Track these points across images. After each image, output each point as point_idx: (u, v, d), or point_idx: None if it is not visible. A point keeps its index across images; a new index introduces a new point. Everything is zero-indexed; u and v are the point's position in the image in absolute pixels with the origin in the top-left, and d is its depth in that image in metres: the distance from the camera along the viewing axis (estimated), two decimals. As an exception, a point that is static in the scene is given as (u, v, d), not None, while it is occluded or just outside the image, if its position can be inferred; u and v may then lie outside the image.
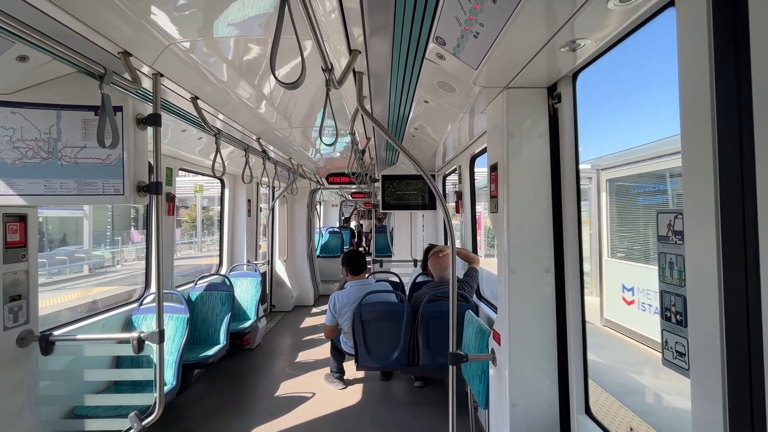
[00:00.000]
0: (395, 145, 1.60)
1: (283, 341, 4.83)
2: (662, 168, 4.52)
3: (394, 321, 2.95)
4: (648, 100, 8.66)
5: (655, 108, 7.90)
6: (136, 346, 1.75)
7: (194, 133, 2.94)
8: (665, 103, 7.00)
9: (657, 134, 5.43)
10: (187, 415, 3.05)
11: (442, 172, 4.60)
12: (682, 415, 3.10)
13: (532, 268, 1.58)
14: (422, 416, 2.99)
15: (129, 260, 14.10)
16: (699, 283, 0.86)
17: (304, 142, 4.09)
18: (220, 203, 4.68)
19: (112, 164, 1.70)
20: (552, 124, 1.57)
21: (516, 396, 1.57)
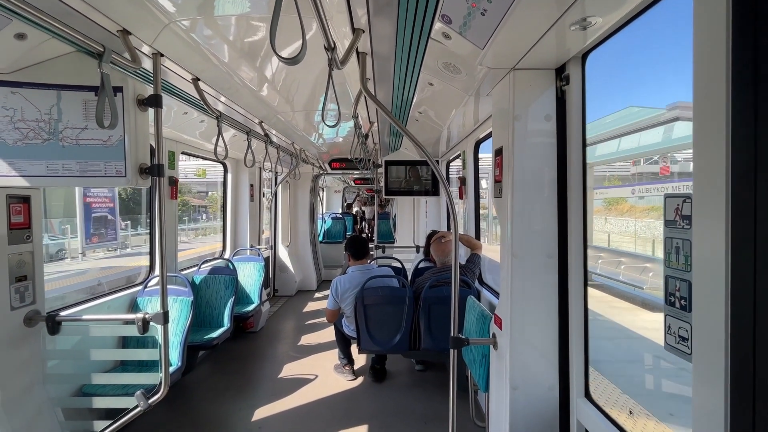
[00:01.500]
0: (399, 128, 1.58)
1: (287, 325, 4.90)
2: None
3: (396, 306, 2.97)
4: (657, 85, 8.51)
5: (665, 92, 7.78)
6: (141, 327, 1.77)
7: (195, 116, 2.91)
8: (676, 86, 6.87)
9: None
10: (192, 395, 3.12)
11: (446, 157, 4.55)
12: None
13: (536, 253, 1.57)
14: (423, 399, 3.04)
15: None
16: (706, 268, 0.85)
17: (307, 126, 4.05)
18: (222, 188, 4.68)
19: (113, 146, 1.69)
20: (559, 106, 1.53)
21: (516, 379, 1.59)
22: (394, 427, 2.66)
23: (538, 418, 1.60)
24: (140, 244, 14.01)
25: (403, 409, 2.89)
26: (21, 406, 1.75)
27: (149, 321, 1.78)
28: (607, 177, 16.72)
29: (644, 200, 13.84)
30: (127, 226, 14.76)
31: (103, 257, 11.92)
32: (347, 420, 2.74)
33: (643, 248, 12.05)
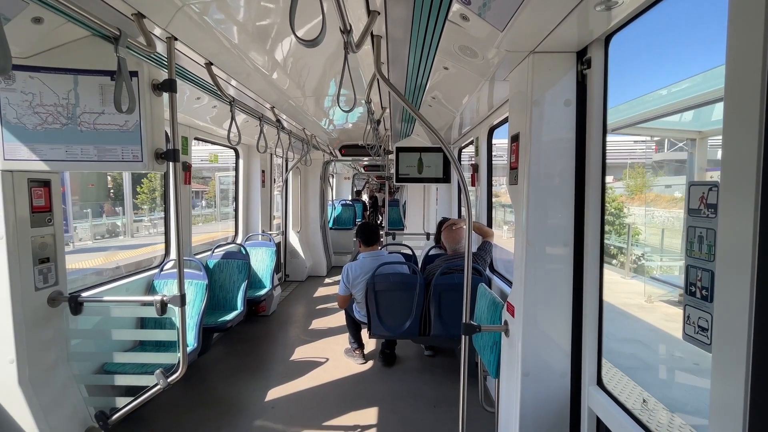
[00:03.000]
0: (412, 112, 1.56)
1: (298, 309, 4.98)
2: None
3: (406, 292, 2.99)
4: (684, 71, 8.14)
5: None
6: (159, 309, 1.82)
7: (207, 102, 2.92)
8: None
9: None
10: (208, 375, 3.22)
11: (458, 144, 4.50)
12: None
13: (551, 241, 1.56)
14: (432, 383, 3.08)
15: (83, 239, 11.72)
16: (730, 258, 0.82)
17: (318, 111, 4.02)
18: (234, 174, 4.71)
19: (129, 131, 1.70)
20: (580, 91, 1.49)
21: (528, 366, 1.60)
22: (402, 411, 2.71)
23: (548, 405, 1.61)
24: (105, 236, 12.50)
25: (412, 393, 2.94)
26: (47, 382, 1.83)
27: (167, 303, 1.82)
28: (628, 164, 16.12)
29: (671, 189, 13.25)
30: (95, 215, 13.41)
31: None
32: (357, 402, 2.81)
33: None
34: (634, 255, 8.50)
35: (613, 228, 9.49)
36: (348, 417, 2.64)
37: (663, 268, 8.15)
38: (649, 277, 7.24)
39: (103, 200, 13.58)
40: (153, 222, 15.27)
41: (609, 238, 9.06)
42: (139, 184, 16.81)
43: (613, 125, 3.04)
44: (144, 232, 14.74)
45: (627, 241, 8.59)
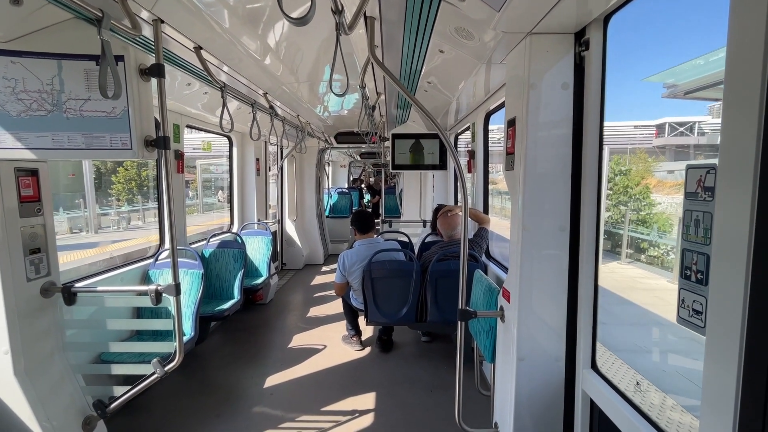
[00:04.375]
0: (407, 96, 1.52)
1: (295, 297, 5.00)
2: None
3: (403, 279, 2.99)
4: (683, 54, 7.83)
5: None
6: (154, 298, 1.81)
7: (198, 88, 2.85)
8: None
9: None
10: (206, 363, 3.23)
11: (454, 131, 4.45)
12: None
13: (547, 226, 1.55)
14: (429, 368, 3.12)
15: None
16: (726, 241, 0.82)
17: (312, 98, 3.96)
18: (228, 162, 4.66)
19: (117, 117, 1.66)
20: (577, 74, 1.46)
21: (523, 351, 1.61)
22: (400, 395, 2.75)
23: (543, 388, 1.63)
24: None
25: (409, 378, 2.97)
26: (44, 372, 1.83)
27: (162, 293, 1.81)
28: (628, 150, 16.01)
29: (674, 175, 13.13)
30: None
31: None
32: (355, 388, 2.84)
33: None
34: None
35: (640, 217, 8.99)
36: (346, 402, 2.67)
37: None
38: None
39: (79, 191, 12.50)
40: (122, 216, 14.22)
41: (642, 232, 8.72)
42: (114, 173, 15.97)
43: (685, 87, 2.92)
44: (114, 227, 13.65)
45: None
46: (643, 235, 8.66)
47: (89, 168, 12.94)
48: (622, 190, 9.97)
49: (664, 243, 8.05)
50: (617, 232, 8.66)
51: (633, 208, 9.58)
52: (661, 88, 13.60)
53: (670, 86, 3.22)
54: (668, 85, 3.28)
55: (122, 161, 15.39)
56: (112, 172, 15.96)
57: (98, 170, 15.60)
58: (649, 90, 42.97)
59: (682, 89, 3.02)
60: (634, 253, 8.47)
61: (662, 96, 3.46)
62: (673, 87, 3.09)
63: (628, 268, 7.95)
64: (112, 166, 15.71)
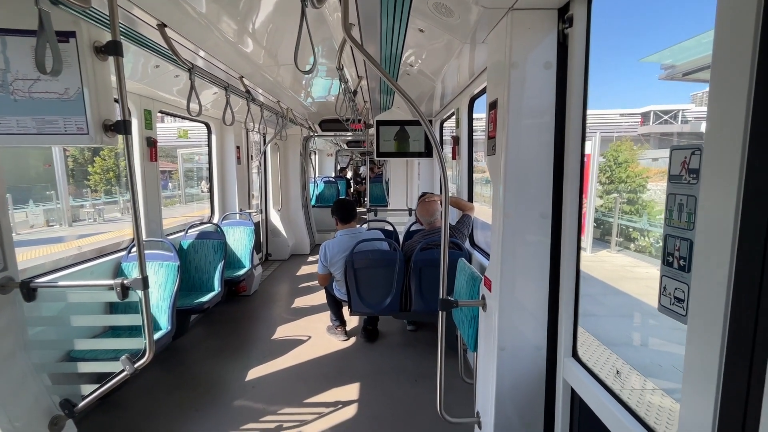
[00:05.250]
0: (387, 80, 1.44)
1: (280, 288, 4.92)
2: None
3: (386, 268, 2.94)
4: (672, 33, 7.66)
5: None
6: (120, 293, 1.71)
7: (171, 70, 2.70)
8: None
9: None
10: (186, 357, 3.16)
11: (440, 117, 4.37)
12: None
13: (528, 212, 1.50)
14: (414, 358, 3.10)
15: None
16: (711, 225, 0.78)
17: (294, 84, 3.82)
18: (208, 149, 4.50)
19: (71, 99, 1.53)
20: (560, 52, 1.39)
21: (504, 340, 1.58)
22: (385, 385, 2.73)
23: (524, 377, 1.61)
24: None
25: (394, 368, 2.95)
26: (3, 372, 1.73)
27: (128, 287, 1.72)
28: (614, 138, 16.16)
29: (658, 162, 13.24)
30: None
31: None
32: (340, 378, 2.80)
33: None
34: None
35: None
36: (330, 393, 2.63)
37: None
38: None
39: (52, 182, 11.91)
40: (98, 208, 13.59)
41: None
42: (92, 163, 15.33)
43: (683, 68, 2.82)
44: (91, 220, 13.03)
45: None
46: (636, 223, 8.75)
47: (60, 156, 12.26)
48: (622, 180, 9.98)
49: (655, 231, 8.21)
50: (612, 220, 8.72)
51: (627, 199, 9.64)
52: (648, 71, 13.51)
53: (668, 67, 3.15)
54: (666, 66, 3.20)
55: (99, 150, 14.85)
56: (90, 162, 15.35)
57: (75, 160, 15.01)
58: (634, 74, 43.08)
59: (680, 70, 2.95)
60: (625, 241, 8.57)
61: (660, 78, 3.38)
62: (671, 68, 3.02)
63: (618, 256, 8.08)
64: (89, 156, 15.12)
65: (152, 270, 2.71)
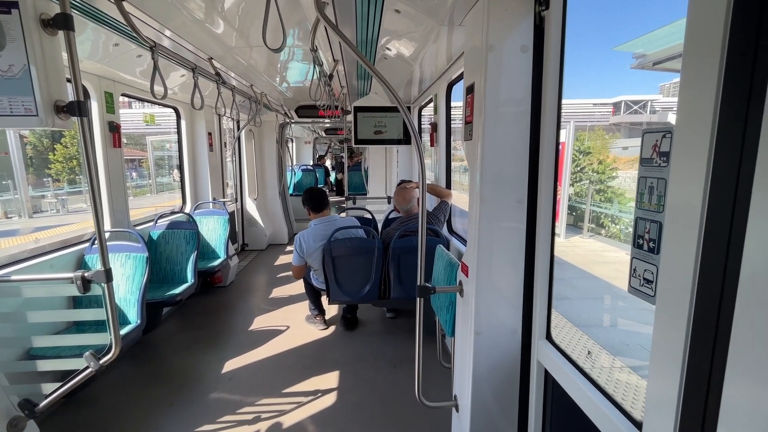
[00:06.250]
0: (363, 62, 1.39)
1: (257, 278, 4.83)
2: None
3: (364, 256, 2.92)
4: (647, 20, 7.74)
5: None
6: (81, 286, 1.61)
7: (132, 49, 2.53)
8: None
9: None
10: (159, 351, 3.06)
11: (418, 103, 4.34)
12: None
13: (505, 198, 1.50)
14: (394, 343, 3.12)
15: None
16: (679, 206, 0.79)
17: (269, 68, 3.67)
18: (177, 136, 4.29)
19: (16, 77, 1.40)
20: (537, 35, 1.38)
21: (481, 325, 1.59)
22: (364, 372, 2.73)
23: (500, 360, 1.64)
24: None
25: (373, 355, 2.96)
26: None
27: (90, 280, 1.62)
28: (587, 127, 16.57)
29: (628, 151, 13.64)
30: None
31: None
32: (318, 367, 2.79)
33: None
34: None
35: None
36: (308, 383, 2.62)
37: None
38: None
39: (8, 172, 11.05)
40: (61, 198, 12.75)
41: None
42: (53, 151, 14.32)
43: (653, 57, 2.83)
44: (54, 211, 12.24)
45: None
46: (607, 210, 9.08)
47: (16, 143, 11.39)
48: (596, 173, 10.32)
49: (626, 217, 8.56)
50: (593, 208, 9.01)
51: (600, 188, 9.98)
52: (622, 60, 13.85)
53: (639, 56, 3.19)
54: (637, 55, 3.24)
55: (60, 136, 13.94)
56: (50, 150, 14.39)
57: (35, 147, 14.04)
58: (608, 64, 43.90)
59: (650, 59, 3.00)
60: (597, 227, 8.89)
61: (631, 67, 3.42)
62: (643, 57, 3.06)
63: (589, 241, 8.38)
64: (49, 144, 14.18)
65: (118, 262, 2.59)
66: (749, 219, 0.66)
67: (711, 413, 0.75)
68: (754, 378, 0.65)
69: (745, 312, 0.66)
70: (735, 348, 0.68)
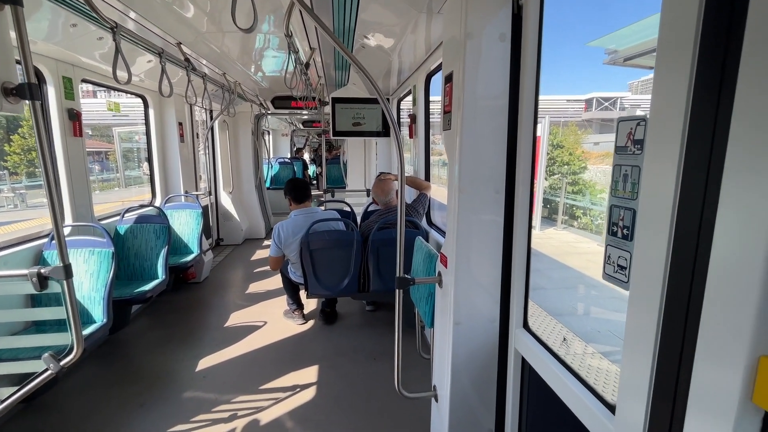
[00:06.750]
0: (338, 47, 1.34)
1: (233, 274, 4.71)
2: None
3: (343, 249, 2.88)
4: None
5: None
6: (37, 283, 1.51)
7: (92, 31, 2.37)
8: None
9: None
10: (129, 350, 2.93)
11: (397, 95, 4.30)
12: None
13: (484, 188, 1.50)
14: (373, 336, 3.11)
15: None
16: (653, 193, 0.80)
17: (243, 56, 3.54)
18: (145, 126, 4.09)
19: (-44, 55, 1.27)
20: (515, 24, 1.37)
21: (460, 315, 1.60)
22: (343, 366, 2.71)
23: (479, 350, 1.65)
24: None
25: (353, 348, 2.94)
26: None
27: (47, 276, 1.51)
28: (561, 123, 16.97)
29: (599, 146, 14.06)
30: None
31: None
32: (296, 362, 2.75)
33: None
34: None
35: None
36: (286, 378, 2.57)
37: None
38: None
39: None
40: (19, 193, 11.93)
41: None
42: (8, 142, 13.34)
43: (624, 53, 2.86)
44: (11, 206, 11.44)
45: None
46: (580, 202, 9.38)
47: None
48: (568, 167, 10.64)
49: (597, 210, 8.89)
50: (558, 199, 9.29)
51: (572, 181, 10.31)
52: (596, 56, 14.31)
53: (611, 52, 3.25)
54: (609, 51, 3.30)
55: (17, 126, 13.04)
56: (5, 141, 13.41)
57: (-14, 138, 13.04)
58: (583, 60, 45.13)
59: (622, 56, 3.05)
60: (570, 219, 9.19)
61: (603, 62, 3.47)
62: (614, 53, 3.12)
63: (563, 233, 8.65)
64: (4, 134, 13.21)
65: (81, 258, 2.44)
66: (719, 206, 0.67)
67: (681, 396, 0.77)
68: (722, 362, 0.67)
69: (715, 297, 0.68)
70: (704, 332, 0.70)
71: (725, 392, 0.67)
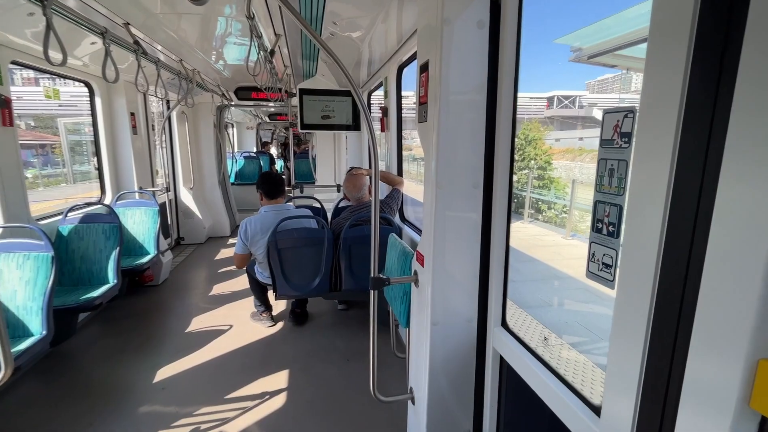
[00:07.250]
0: (305, 29, 1.22)
1: (195, 275, 4.44)
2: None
3: (313, 247, 2.76)
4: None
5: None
6: None
7: (22, 5, 2.08)
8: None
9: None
10: (76, 363, 2.66)
11: (367, 87, 4.19)
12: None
13: (460, 183, 1.44)
14: (346, 336, 3.02)
15: None
16: (643, 189, 0.76)
17: (202, 42, 3.28)
18: (92, 116, 3.73)
19: None
20: (493, 11, 1.31)
21: (437, 315, 1.54)
22: (315, 368, 2.60)
23: (456, 349, 1.60)
24: None
25: (325, 349, 2.84)
26: None
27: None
28: (525, 119, 17.42)
29: (560, 143, 14.54)
30: None
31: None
32: (265, 367, 2.60)
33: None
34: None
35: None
36: (254, 385, 2.43)
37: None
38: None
39: None
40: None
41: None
42: None
43: (588, 51, 2.88)
44: None
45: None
46: (545, 197, 9.72)
47: None
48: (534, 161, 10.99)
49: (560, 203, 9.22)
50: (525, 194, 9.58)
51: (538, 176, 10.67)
52: (562, 53, 14.86)
53: (576, 50, 3.30)
54: (574, 49, 3.35)
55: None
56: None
57: None
58: (547, 58, 46.59)
59: (586, 53, 3.10)
60: (536, 213, 9.50)
61: (569, 60, 3.52)
62: (579, 51, 3.17)
63: (530, 226, 8.94)
64: None
65: (14, 263, 2.17)
66: (716, 200, 0.63)
67: (672, 399, 0.73)
68: (718, 364, 0.64)
69: (710, 297, 0.64)
70: (698, 334, 0.66)
71: (720, 396, 0.64)
